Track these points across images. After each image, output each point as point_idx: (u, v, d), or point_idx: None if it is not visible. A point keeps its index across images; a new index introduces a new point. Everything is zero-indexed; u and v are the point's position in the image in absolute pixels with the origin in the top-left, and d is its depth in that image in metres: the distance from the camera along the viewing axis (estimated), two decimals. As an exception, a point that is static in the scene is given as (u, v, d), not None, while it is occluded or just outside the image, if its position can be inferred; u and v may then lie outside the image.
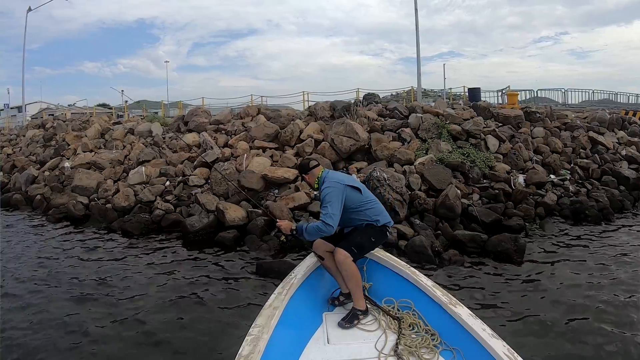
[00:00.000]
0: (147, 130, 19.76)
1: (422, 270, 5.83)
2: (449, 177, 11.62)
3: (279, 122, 16.07)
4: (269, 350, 3.44)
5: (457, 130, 14.31)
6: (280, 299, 4.16)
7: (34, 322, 6.46)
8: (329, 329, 4.30)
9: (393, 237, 9.20)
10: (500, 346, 3.43)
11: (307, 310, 4.52)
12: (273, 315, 3.88)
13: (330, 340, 4.12)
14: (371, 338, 4.14)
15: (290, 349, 3.90)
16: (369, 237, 4.72)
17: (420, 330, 4.18)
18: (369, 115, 15.61)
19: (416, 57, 27.55)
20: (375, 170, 10.48)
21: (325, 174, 4.90)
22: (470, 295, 7.05)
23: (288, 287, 4.41)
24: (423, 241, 8.87)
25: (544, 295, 7.05)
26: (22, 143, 24.76)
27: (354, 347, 4.01)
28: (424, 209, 10.55)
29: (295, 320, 4.21)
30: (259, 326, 3.68)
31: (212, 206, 11.30)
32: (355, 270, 4.50)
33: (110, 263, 9.17)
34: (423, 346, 3.92)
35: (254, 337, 3.51)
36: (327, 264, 4.76)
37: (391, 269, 4.95)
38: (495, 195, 11.54)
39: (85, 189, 14.36)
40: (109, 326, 6.29)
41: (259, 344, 3.41)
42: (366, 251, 4.84)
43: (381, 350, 3.89)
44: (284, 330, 3.90)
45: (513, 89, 28.84)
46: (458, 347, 3.84)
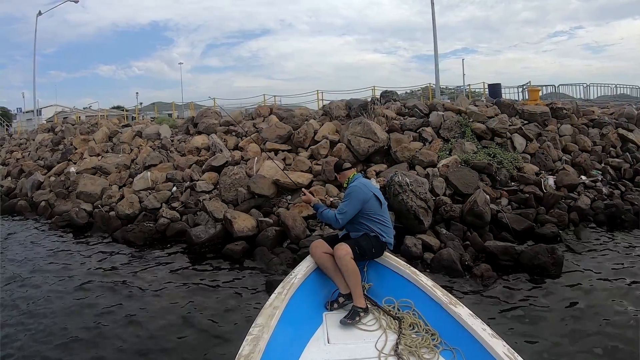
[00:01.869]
0: (155, 133, 19.07)
1: (451, 287, 6.17)
2: (475, 181, 10.71)
3: (292, 123, 15.28)
4: (269, 350, 3.44)
5: (481, 128, 13.44)
6: (281, 299, 4.17)
7: (24, 336, 6.25)
8: (329, 329, 4.32)
9: (418, 250, 8.36)
10: (501, 346, 3.42)
11: (308, 310, 4.54)
12: (273, 314, 3.88)
13: (330, 340, 4.14)
14: (371, 338, 4.16)
15: (291, 349, 3.92)
16: (372, 247, 4.90)
17: (421, 330, 4.18)
18: (387, 114, 14.82)
19: (434, 54, 26.88)
20: (397, 175, 9.60)
21: (358, 176, 5.26)
22: (508, 320, 6.22)
23: (288, 286, 4.42)
24: (452, 254, 7.97)
25: (588, 319, 6.19)
26: (32, 147, 24.34)
27: (354, 346, 4.03)
28: (451, 216, 9.62)
29: (296, 319, 4.21)
30: (259, 326, 3.68)
31: (220, 214, 10.53)
32: (355, 267, 4.56)
33: (108, 277, 8.61)
34: (423, 346, 3.94)
35: (254, 337, 3.51)
36: (325, 264, 4.78)
37: (391, 269, 5.01)
38: (525, 200, 10.68)
39: (90, 195, 13.72)
40: (102, 342, 6.01)
41: (259, 344, 3.42)
42: (364, 258, 4.89)
43: (381, 350, 3.91)
44: (284, 329, 3.91)
45: (533, 85, 27.87)
46: (458, 347, 3.84)
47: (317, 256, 4.87)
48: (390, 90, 20.68)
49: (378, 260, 5.10)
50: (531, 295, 7.02)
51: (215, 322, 6.45)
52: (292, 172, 11.47)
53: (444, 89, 32.62)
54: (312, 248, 5.00)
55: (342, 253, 4.53)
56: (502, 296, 6.97)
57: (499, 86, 26.92)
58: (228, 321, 6.47)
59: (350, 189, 5.02)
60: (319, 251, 4.86)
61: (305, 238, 9.13)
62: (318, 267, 4.93)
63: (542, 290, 7.20)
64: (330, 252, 4.78)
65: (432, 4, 26.43)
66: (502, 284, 7.45)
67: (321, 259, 4.83)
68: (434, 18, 26.29)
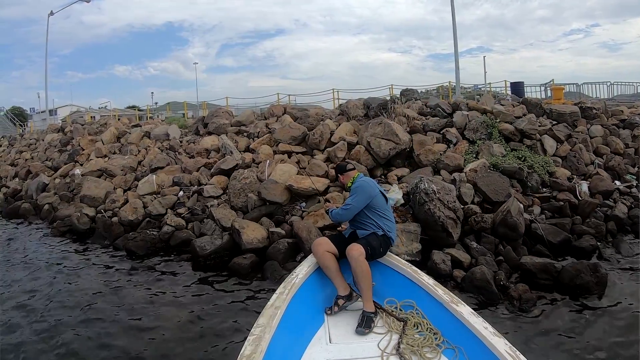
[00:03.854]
0: (164, 133, 18.37)
1: (485, 311, 5.94)
2: (506, 187, 9.73)
3: (306, 123, 14.36)
4: (271, 350, 3.45)
5: (509, 129, 12.50)
6: (282, 299, 4.17)
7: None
8: (331, 329, 4.35)
9: (447, 266, 7.46)
10: (502, 344, 3.43)
11: (309, 310, 4.55)
12: (275, 315, 3.88)
13: (332, 340, 4.17)
14: (373, 337, 4.18)
15: (292, 349, 3.92)
16: (381, 246, 4.94)
17: (423, 329, 4.19)
18: (408, 114, 13.86)
19: (453, 52, 25.89)
20: (422, 181, 8.66)
21: (361, 176, 5.44)
22: (555, 352, 5.42)
23: (290, 287, 4.42)
24: (485, 273, 6.99)
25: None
26: (41, 147, 23.90)
27: (356, 346, 4.05)
28: (481, 227, 8.65)
29: (297, 320, 4.22)
30: (261, 326, 3.68)
31: (228, 222, 9.68)
32: (369, 268, 4.54)
33: (105, 288, 8.04)
34: (425, 345, 3.96)
35: (256, 337, 3.51)
36: (326, 263, 4.73)
37: (393, 268, 5.03)
38: (560, 208, 9.74)
39: (94, 198, 12.98)
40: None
41: (261, 344, 3.42)
42: (373, 258, 4.87)
43: (384, 350, 3.93)
44: (286, 330, 3.92)
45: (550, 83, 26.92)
46: (460, 346, 3.85)
47: (320, 254, 4.80)
48: (411, 89, 19.72)
49: (379, 259, 5.09)
50: (575, 321, 6.16)
51: (216, 346, 5.87)
52: (306, 176, 10.57)
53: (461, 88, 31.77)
54: (315, 245, 4.95)
55: (356, 253, 4.50)
56: (544, 323, 6.09)
57: (522, 84, 26.01)
58: (230, 344, 5.87)
59: (357, 183, 5.19)
60: (322, 249, 4.81)
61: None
62: (319, 267, 4.89)
63: (587, 314, 6.33)
64: (333, 251, 4.79)
65: (451, 1, 25.41)
66: (542, 307, 6.55)
67: (323, 258, 4.77)
68: (453, 15, 25.27)
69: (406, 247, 7.76)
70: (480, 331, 3.65)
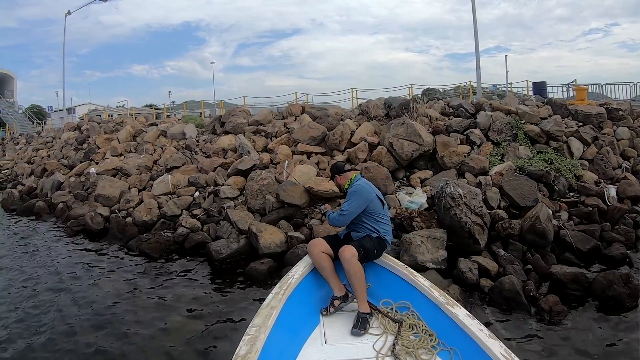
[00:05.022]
0: (180, 133, 18.10)
1: (514, 324, 5.93)
2: (534, 191, 9.26)
3: (326, 123, 13.98)
4: (266, 350, 3.43)
5: (535, 131, 12.05)
6: (278, 299, 4.17)
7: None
8: (327, 329, 4.35)
9: (474, 275, 7.05)
10: (497, 346, 3.44)
11: (305, 310, 4.56)
12: (270, 315, 3.88)
13: (327, 340, 4.16)
14: (369, 338, 4.18)
15: (288, 349, 3.92)
16: (375, 248, 4.93)
17: (418, 330, 4.19)
18: (431, 114, 13.46)
19: (473, 52, 25.19)
20: (448, 185, 8.22)
21: (359, 177, 5.34)
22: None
23: (285, 287, 4.42)
24: (515, 283, 6.58)
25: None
26: (57, 145, 23.92)
27: (351, 347, 4.06)
28: (509, 234, 8.18)
29: (293, 320, 4.22)
30: (256, 326, 3.69)
31: (245, 225, 9.35)
32: (362, 270, 4.56)
33: (117, 291, 7.83)
34: (420, 346, 3.96)
35: (251, 337, 3.51)
36: (322, 264, 4.73)
37: (389, 270, 5.03)
38: (588, 214, 9.24)
39: (108, 198, 12.80)
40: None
41: (256, 344, 3.41)
42: (367, 260, 4.90)
43: (379, 351, 3.93)
44: (281, 330, 3.92)
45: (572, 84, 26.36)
46: (455, 348, 3.85)
47: (315, 255, 4.80)
48: (433, 88, 19.34)
49: (376, 260, 5.11)
50: (608, 336, 5.78)
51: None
52: (327, 177, 10.20)
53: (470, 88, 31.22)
54: (311, 246, 4.96)
55: (348, 255, 4.49)
56: (576, 338, 5.74)
57: (544, 84, 25.44)
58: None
59: (354, 188, 5.10)
60: (317, 250, 4.81)
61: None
62: (315, 267, 4.89)
63: (621, 328, 5.98)
64: (329, 252, 4.79)
65: (472, 3, 24.88)
66: (573, 320, 6.18)
67: (318, 258, 4.76)
68: (474, 14, 24.61)
69: (431, 254, 7.37)
70: (476, 333, 3.66)
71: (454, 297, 6.26)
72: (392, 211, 8.99)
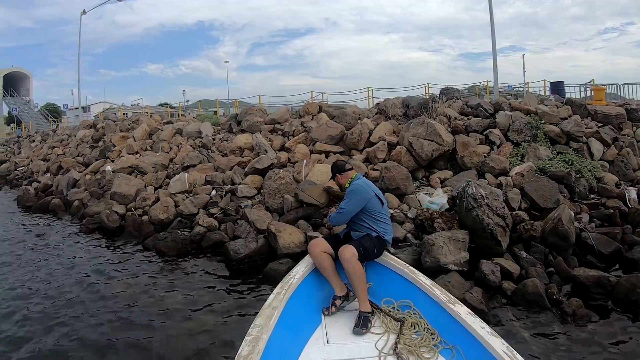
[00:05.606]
0: (196, 131, 18.10)
1: (538, 328, 5.79)
2: (555, 193, 9.06)
3: (344, 122, 13.86)
4: (268, 351, 3.42)
5: (555, 131, 11.93)
6: (279, 299, 4.17)
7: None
8: (328, 329, 4.36)
9: (496, 278, 6.88)
10: (500, 344, 3.44)
11: (306, 310, 4.56)
12: (272, 315, 3.87)
13: (329, 340, 4.17)
14: (370, 337, 4.18)
15: (290, 349, 3.92)
16: (375, 248, 4.94)
17: (420, 329, 4.20)
18: (450, 114, 13.28)
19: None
20: (470, 185, 8.04)
21: (359, 176, 5.41)
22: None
23: (287, 287, 4.43)
24: (538, 286, 6.44)
25: None
26: (73, 143, 23.98)
27: (353, 346, 4.06)
28: (531, 236, 7.99)
29: (295, 320, 4.21)
30: (258, 326, 3.68)
31: (263, 225, 9.23)
32: (362, 269, 4.59)
33: (133, 290, 7.74)
34: (422, 345, 3.96)
35: (253, 338, 3.50)
36: (323, 264, 4.74)
37: (390, 268, 5.04)
38: (609, 216, 9.09)
39: (124, 196, 12.72)
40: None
41: (259, 344, 3.40)
42: (367, 259, 4.92)
43: (381, 350, 3.93)
44: (283, 330, 3.91)
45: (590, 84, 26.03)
46: (457, 346, 3.85)
47: (315, 255, 4.83)
48: (451, 87, 19.06)
49: (376, 259, 5.13)
50: (634, 340, 5.62)
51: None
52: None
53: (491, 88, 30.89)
54: (311, 246, 4.99)
55: (348, 255, 4.51)
56: (601, 342, 5.56)
57: (562, 84, 25.14)
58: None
59: (351, 187, 5.14)
60: (318, 249, 4.83)
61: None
62: (317, 267, 4.90)
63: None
64: (329, 251, 4.82)
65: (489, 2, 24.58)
66: (596, 324, 6.01)
67: (319, 258, 4.78)
68: (491, 12, 24.36)
69: (454, 256, 7.20)
70: (478, 331, 3.66)
71: (477, 300, 6.19)
72: (413, 212, 8.89)
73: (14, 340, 6.04)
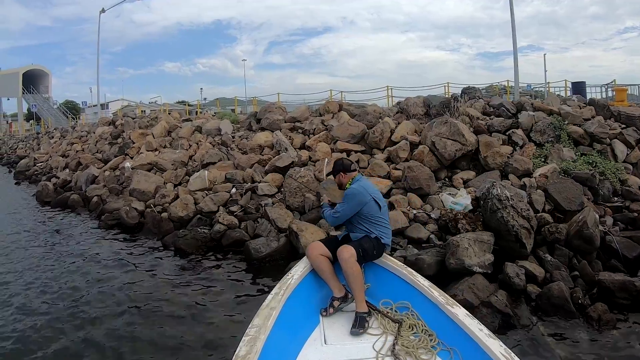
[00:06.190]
0: (215, 129, 17.99)
1: (562, 333, 5.72)
2: (579, 195, 8.86)
3: (365, 121, 13.68)
4: (266, 351, 3.43)
5: (578, 132, 11.75)
6: (277, 299, 4.16)
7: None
8: (326, 330, 4.35)
9: (521, 281, 6.72)
10: (497, 346, 3.43)
11: (304, 311, 4.56)
12: (270, 315, 3.87)
13: (327, 341, 4.16)
14: (368, 339, 4.19)
15: (288, 350, 3.92)
16: (374, 249, 4.90)
17: (418, 330, 4.20)
18: (471, 114, 13.08)
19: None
20: (495, 186, 7.86)
21: (359, 177, 5.30)
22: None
23: (285, 287, 4.42)
24: (564, 290, 6.29)
25: None
26: (91, 140, 24.05)
27: (351, 347, 4.06)
28: (555, 239, 7.78)
29: (293, 320, 4.22)
30: (256, 326, 3.68)
31: (285, 224, 9.14)
32: (360, 270, 4.58)
33: (152, 288, 7.76)
34: (420, 346, 3.96)
35: (251, 338, 3.50)
36: (320, 266, 4.74)
37: (388, 270, 5.03)
38: (634, 220, 8.84)
39: (143, 192, 12.77)
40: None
41: (256, 345, 3.40)
42: (365, 260, 4.89)
43: (379, 351, 3.93)
44: (281, 330, 3.91)
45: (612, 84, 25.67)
46: (455, 347, 3.85)
47: (313, 258, 4.81)
48: (473, 87, 18.80)
49: (375, 260, 5.10)
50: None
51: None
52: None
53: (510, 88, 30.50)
54: (309, 249, 4.98)
55: (346, 255, 4.49)
56: (626, 349, 5.47)
57: (584, 84, 24.81)
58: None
59: (350, 190, 5.04)
60: (315, 253, 4.82)
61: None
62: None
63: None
64: (327, 254, 4.79)
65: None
66: (622, 329, 5.89)
67: (317, 261, 4.78)
68: (512, 11, 24.13)
69: (478, 258, 7.04)
70: (476, 333, 3.66)
71: (502, 303, 6.06)
72: (437, 212, 8.78)
73: (36, 333, 6.12)
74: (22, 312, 6.81)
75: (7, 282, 8.16)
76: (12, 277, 8.41)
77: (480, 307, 6.12)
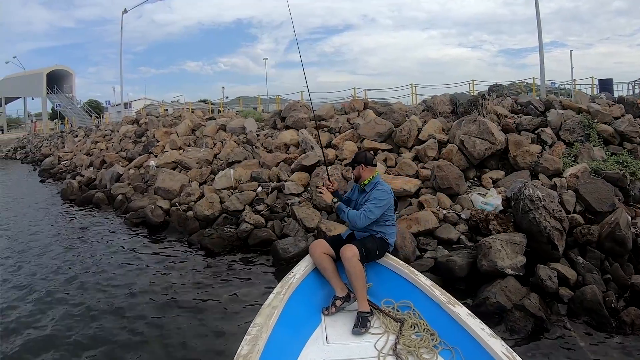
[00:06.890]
0: (240, 127, 17.98)
1: (594, 337, 5.63)
2: (611, 196, 8.57)
3: (391, 119, 13.49)
4: (267, 350, 3.42)
5: (608, 131, 11.52)
6: (279, 298, 4.15)
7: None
8: (328, 329, 4.35)
9: (553, 284, 6.52)
10: (499, 345, 3.42)
11: (306, 310, 4.55)
12: (272, 314, 3.86)
13: (329, 340, 4.16)
14: (370, 338, 4.17)
15: (289, 349, 3.92)
16: (377, 249, 4.87)
17: (420, 330, 4.19)
18: (499, 112, 12.84)
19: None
20: (527, 187, 7.65)
21: (379, 176, 5.14)
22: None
23: (287, 286, 4.41)
24: (597, 294, 6.09)
25: None
26: (115, 138, 24.23)
27: (353, 346, 4.06)
28: (587, 240, 7.54)
29: (294, 319, 4.21)
30: (257, 325, 3.67)
31: (312, 223, 9.05)
32: (362, 269, 4.55)
33: (179, 286, 7.78)
34: (422, 346, 3.96)
35: (252, 337, 3.50)
36: (323, 265, 4.71)
37: (390, 269, 5.00)
38: (664, 222, 8.49)
39: (168, 191, 12.73)
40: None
41: (258, 344, 3.40)
42: (368, 260, 4.85)
43: (380, 350, 3.92)
44: (283, 329, 3.90)
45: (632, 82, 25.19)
46: (457, 347, 3.85)
47: (316, 256, 4.78)
48: (500, 84, 18.56)
49: (377, 260, 5.05)
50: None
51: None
52: (396, 176, 9.82)
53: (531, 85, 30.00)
54: (312, 248, 4.93)
55: (349, 254, 4.46)
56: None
57: (611, 82, 24.41)
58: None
59: (379, 191, 4.89)
60: (318, 251, 4.79)
61: (415, 261, 7.40)
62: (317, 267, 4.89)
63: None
64: (330, 253, 4.77)
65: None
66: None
67: (320, 259, 4.74)
68: (537, 7, 23.65)
69: (510, 259, 6.87)
70: (477, 332, 3.65)
71: (535, 307, 5.92)
72: (467, 212, 8.59)
73: (63, 323, 6.34)
74: (64, 304, 7.01)
75: (45, 278, 8.28)
76: (50, 273, 8.53)
77: (513, 311, 5.99)
